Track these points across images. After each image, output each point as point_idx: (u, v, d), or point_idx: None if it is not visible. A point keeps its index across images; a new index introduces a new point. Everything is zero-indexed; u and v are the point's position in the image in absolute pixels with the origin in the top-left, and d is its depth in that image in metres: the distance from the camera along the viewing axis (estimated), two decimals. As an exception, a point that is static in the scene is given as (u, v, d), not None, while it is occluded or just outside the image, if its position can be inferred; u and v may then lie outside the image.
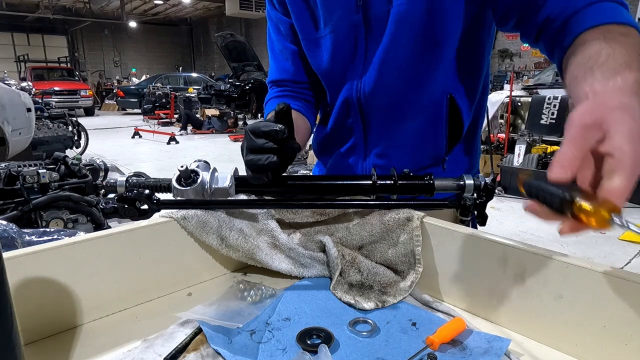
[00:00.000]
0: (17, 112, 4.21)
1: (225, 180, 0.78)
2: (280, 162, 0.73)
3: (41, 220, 2.41)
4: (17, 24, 20.63)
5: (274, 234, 0.79)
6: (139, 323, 0.67)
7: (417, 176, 0.78)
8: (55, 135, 5.65)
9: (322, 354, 0.55)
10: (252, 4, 14.24)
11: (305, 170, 5.67)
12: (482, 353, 0.57)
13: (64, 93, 14.53)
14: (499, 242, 0.65)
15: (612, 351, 0.55)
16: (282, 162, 0.74)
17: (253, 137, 0.72)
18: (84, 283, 0.65)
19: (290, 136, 0.74)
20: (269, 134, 0.71)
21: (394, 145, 0.97)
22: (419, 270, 0.74)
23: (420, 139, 0.96)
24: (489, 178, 0.77)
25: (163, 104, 13.24)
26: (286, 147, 0.73)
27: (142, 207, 0.75)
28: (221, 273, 0.82)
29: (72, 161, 2.83)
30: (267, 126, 0.71)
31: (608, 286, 0.54)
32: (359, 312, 0.68)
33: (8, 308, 0.42)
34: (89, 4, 18.96)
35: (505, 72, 12.96)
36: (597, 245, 3.69)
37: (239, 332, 0.62)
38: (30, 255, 0.60)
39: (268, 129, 0.71)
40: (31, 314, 0.60)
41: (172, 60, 26.07)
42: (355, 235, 0.80)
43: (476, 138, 1.02)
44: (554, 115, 5.13)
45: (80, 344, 0.62)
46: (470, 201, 0.76)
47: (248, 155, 0.73)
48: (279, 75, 1.06)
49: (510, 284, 0.64)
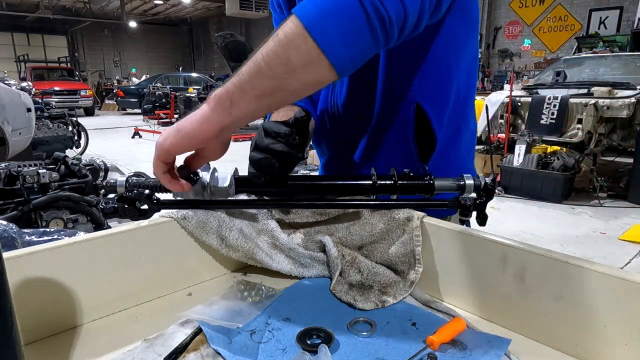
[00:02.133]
0: (17, 112, 4.20)
1: (225, 180, 0.78)
2: (280, 167, 0.74)
3: (41, 220, 2.41)
4: (17, 24, 20.61)
5: (274, 234, 0.79)
6: (139, 323, 0.67)
7: (417, 176, 0.78)
8: (55, 135, 5.65)
9: (322, 354, 0.55)
10: (252, 4, 14.22)
11: (305, 170, 5.66)
12: (482, 353, 0.57)
13: (64, 93, 14.51)
14: (499, 242, 0.65)
15: (612, 351, 0.55)
16: (283, 167, 0.75)
17: (263, 135, 0.74)
18: (84, 283, 0.65)
19: (300, 145, 0.75)
20: (279, 134, 0.72)
21: (370, 155, 0.96)
22: (419, 270, 0.74)
23: (392, 148, 0.93)
24: (489, 178, 0.76)
25: (163, 104, 13.22)
26: (290, 154, 0.74)
27: (142, 207, 0.75)
28: (221, 273, 0.82)
29: (72, 161, 2.83)
30: (279, 128, 0.73)
31: (608, 286, 0.54)
32: (359, 312, 0.68)
33: (8, 308, 0.42)
34: (89, 4, 18.93)
35: (505, 72, 12.95)
36: (597, 245, 3.69)
37: (239, 332, 0.62)
38: (30, 255, 0.60)
39: (279, 130, 0.72)
40: (31, 314, 0.60)
41: (172, 60, 26.05)
42: (355, 235, 0.80)
43: (459, 146, 0.96)
44: (554, 115, 5.12)
45: (80, 344, 0.62)
46: (470, 201, 0.76)
47: (253, 151, 0.75)
48: None
49: (510, 284, 0.64)
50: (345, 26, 0.58)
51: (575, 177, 4.88)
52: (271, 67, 0.59)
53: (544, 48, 12.45)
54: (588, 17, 11.33)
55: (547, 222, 4.24)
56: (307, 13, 0.57)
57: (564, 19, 11.83)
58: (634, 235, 3.81)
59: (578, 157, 4.92)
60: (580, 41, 10.10)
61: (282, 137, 0.73)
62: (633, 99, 4.68)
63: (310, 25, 0.57)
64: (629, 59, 6.12)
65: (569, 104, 5.00)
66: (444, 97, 0.89)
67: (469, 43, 0.90)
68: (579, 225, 4.15)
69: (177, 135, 0.65)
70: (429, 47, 0.85)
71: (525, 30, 12.81)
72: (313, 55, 0.57)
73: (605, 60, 6.32)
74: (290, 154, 0.74)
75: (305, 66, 0.58)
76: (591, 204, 4.73)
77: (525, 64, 12.98)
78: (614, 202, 4.81)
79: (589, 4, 11.33)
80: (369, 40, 0.59)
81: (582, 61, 6.51)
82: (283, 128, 0.73)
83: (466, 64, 0.91)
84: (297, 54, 0.58)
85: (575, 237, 3.87)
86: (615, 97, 4.81)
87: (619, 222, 4.21)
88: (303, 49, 0.57)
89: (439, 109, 0.89)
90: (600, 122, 4.86)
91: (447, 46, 0.86)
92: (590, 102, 4.80)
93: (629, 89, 4.97)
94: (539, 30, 12.40)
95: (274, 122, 0.76)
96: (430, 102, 0.88)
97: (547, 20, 12.16)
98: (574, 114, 5.00)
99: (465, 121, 0.96)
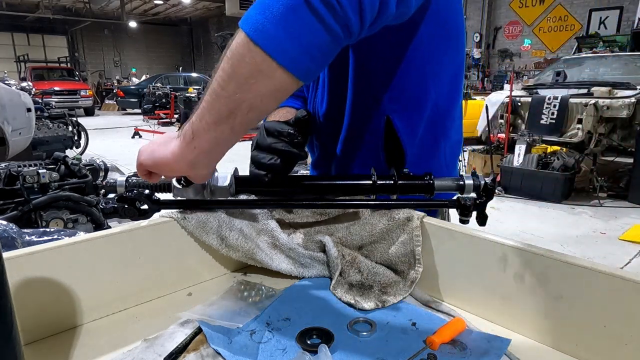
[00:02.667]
0: (17, 112, 4.20)
1: (225, 180, 0.78)
2: (282, 166, 0.74)
3: (41, 220, 2.41)
4: (17, 24, 20.60)
5: (274, 234, 0.79)
6: (139, 323, 0.67)
7: (417, 176, 0.78)
8: (55, 135, 5.65)
9: (322, 354, 0.55)
10: (252, 4, 14.21)
11: (305, 170, 5.66)
12: (482, 353, 0.57)
13: (64, 93, 14.50)
14: (499, 242, 0.65)
15: (612, 351, 0.55)
16: (284, 166, 0.75)
17: (265, 134, 0.74)
18: (84, 283, 0.65)
19: (301, 144, 0.75)
20: (282, 133, 0.72)
21: (346, 162, 0.95)
22: (419, 270, 0.74)
23: (365, 156, 0.91)
24: (489, 178, 0.76)
25: (163, 104, 13.22)
26: (292, 153, 0.74)
27: (142, 207, 0.75)
28: (221, 273, 0.82)
29: (72, 161, 2.83)
30: (281, 127, 0.73)
31: (608, 286, 0.54)
32: (359, 312, 0.68)
33: (8, 308, 0.42)
34: (89, 4, 18.92)
35: (505, 72, 12.95)
36: (597, 245, 3.69)
37: (239, 332, 0.62)
38: (30, 255, 0.60)
39: (282, 130, 0.72)
40: (31, 314, 0.60)
41: (172, 60, 26.04)
42: (355, 235, 0.80)
43: (436, 159, 0.92)
44: (554, 115, 5.12)
45: (80, 344, 0.62)
46: (470, 201, 0.76)
47: (255, 150, 0.75)
48: None
49: (510, 284, 0.64)
50: (290, 24, 0.52)
51: (575, 177, 4.88)
52: (223, 86, 0.56)
53: (544, 48, 12.45)
54: (588, 17, 11.34)
55: (547, 222, 4.24)
56: (249, 19, 0.54)
57: (564, 19, 11.83)
58: (634, 235, 3.81)
59: (578, 157, 4.92)
60: (580, 41, 10.11)
61: (285, 137, 0.73)
62: (633, 99, 4.68)
63: (252, 31, 0.53)
64: (629, 59, 6.12)
65: (569, 104, 5.00)
66: (418, 112, 0.86)
67: (449, 56, 0.85)
68: (579, 225, 4.15)
69: (154, 163, 0.65)
70: (401, 58, 0.81)
71: (525, 30, 12.82)
72: (258, 61, 0.53)
73: (605, 60, 6.32)
74: (293, 153, 0.74)
75: (256, 76, 0.54)
76: (591, 204, 4.73)
77: (525, 64, 12.99)
78: (614, 202, 4.81)
79: (589, 4, 11.33)
80: (322, 34, 0.54)
81: (582, 61, 6.51)
82: (286, 127, 0.73)
83: (447, 78, 0.87)
84: (243, 64, 0.54)
85: (575, 237, 3.87)
86: (615, 97, 4.81)
87: (619, 222, 4.21)
88: (247, 58, 0.54)
89: (411, 123, 0.86)
90: (600, 122, 4.86)
91: (422, 59, 0.82)
92: (590, 102, 4.80)
93: (629, 89, 4.97)
94: (539, 30, 12.41)
95: (275, 122, 0.76)
96: (402, 116, 0.85)
97: (547, 20, 12.16)
98: (574, 114, 5.01)
99: (445, 135, 0.92)
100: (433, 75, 0.84)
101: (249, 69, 0.54)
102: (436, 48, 0.82)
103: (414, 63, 0.82)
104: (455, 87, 0.90)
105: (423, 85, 0.84)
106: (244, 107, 0.57)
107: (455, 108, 0.93)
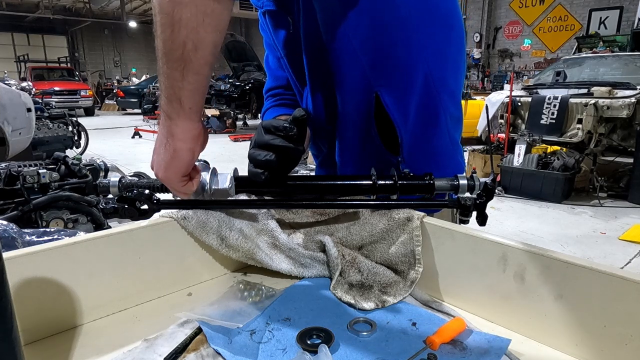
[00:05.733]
0: (17, 112, 4.20)
1: (225, 180, 0.78)
2: (279, 162, 0.74)
3: (41, 220, 2.42)
4: (17, 24, 20.60)
5: (274, 234, 0.79)
6: (139, 323, 0.67)
7: (417, 176, 0.79)
8: (55, 135, 5.65)
9: (322, 354, 0.55)
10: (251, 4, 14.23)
11: (306, 170, 5.66)
12: (482, 353, 0.57)
13: (64, 93, 14.51)
14: (499, 242, 0.65)
15: (612, 351, 0.55)
16: (283, 162, 0.75)
17: (262, 132, 0.75)
18: (84, 283, 0.65)
19: (298, 139, 0.75)
20: (278, 129, 0.73)
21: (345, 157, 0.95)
22: (419, 270, 0.74)
23: (361, 147, 0.91)
24: (489, 178, 0.76)
25: (163, 104, 13.20)
26: (290, 149, 0.74)
27: (142, 207, 0.75)
28: (221, 273, 0.82)
29: (72, 161, 2.83)
30: (277, 122, 0.74)
31: (608, 286, 0.54)
32: (359, 312, 0.68)
33: (8, 308, 0.42)
34: (89, 4, 18.93)
35: (505, 72, 12.96)
36: (597, 245, 3.69)
37: (239, 332, 0.62)
38: (30, 255, 0.60)
39: (278, 125, 0.73)
40: (31, 314, 0.60)
41: (172, 60, 26.04)
42: (355, 235, 0.80)
43: (438, 136, 0.89)
44: (554, 115, 5.12)
45: (80, 344, 0.62)
46: (470, 201, 0.76)
47: (253, 148, 0.76)
48: (274, 83, 1.08)
49: (510, 284, 0.64)
50: None
51: (575, 177, 4.88)
52: (164, 41, 0.60)
53: (544, 48, 12.46)
54: (588, 17, 11.35)
55: (547, 222, 4.24)
56: None
57: (564, 19, 11.84)
58: (634, 235, 3.81)
59: (578, 157, 4.92)
60: (580, 41, 10.11)
61: (281, 131, 0.73)
62: (633, 99, 4.69)
63: None
64: (629, 59, 6.12)
65: (569, 104, 5.00)
66: (408, 82, 0.82)
67: (437, 28, 0.81)
68: (579, 225, 4.15)
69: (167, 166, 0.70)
70: (383, 22, 0.78)
71: (525, 30, 12.82)
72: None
73: (605, 60, 6.32)
74: (289, 147, 0.74)
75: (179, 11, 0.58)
76: (591, 204, 4.73)
77: (525, 64, 12.99)
78: (614, 202, 4.81)
79: (589, 4, 11.34)
80: None
81: (582, 61, 6.51)
82: (281, 122, 0.74)
83: (441, 51, 0.83)
84: (164, 6, 0.59)
85: (575, 237, 3.87)
86: (615, 97, 4.82)
87: (619, 222, 4.21)
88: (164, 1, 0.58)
89: (402, 96, 0.82)
90: (600, 122, 4.86)
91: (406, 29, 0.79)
92: (590, 102, 4.81)
93: (629, 89, 4.97)
94: (539, 30, 12.41)
95: (272, 119, 0.76)
96: (390, 89, 0.82)
97: (547, 20, 12.17)
98: (574, 114, 5.01)
99: (445, 108, 0.87)
100: (420, 40, 0.80)
101: (170, 6, 0.58)
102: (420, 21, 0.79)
103: (392, 24, 0.78)
104: (453, 61, 0.87)
105: (410, 52, 0.81)
106: (189, 47, 0.60)
107: (456, 79, 0.89)
